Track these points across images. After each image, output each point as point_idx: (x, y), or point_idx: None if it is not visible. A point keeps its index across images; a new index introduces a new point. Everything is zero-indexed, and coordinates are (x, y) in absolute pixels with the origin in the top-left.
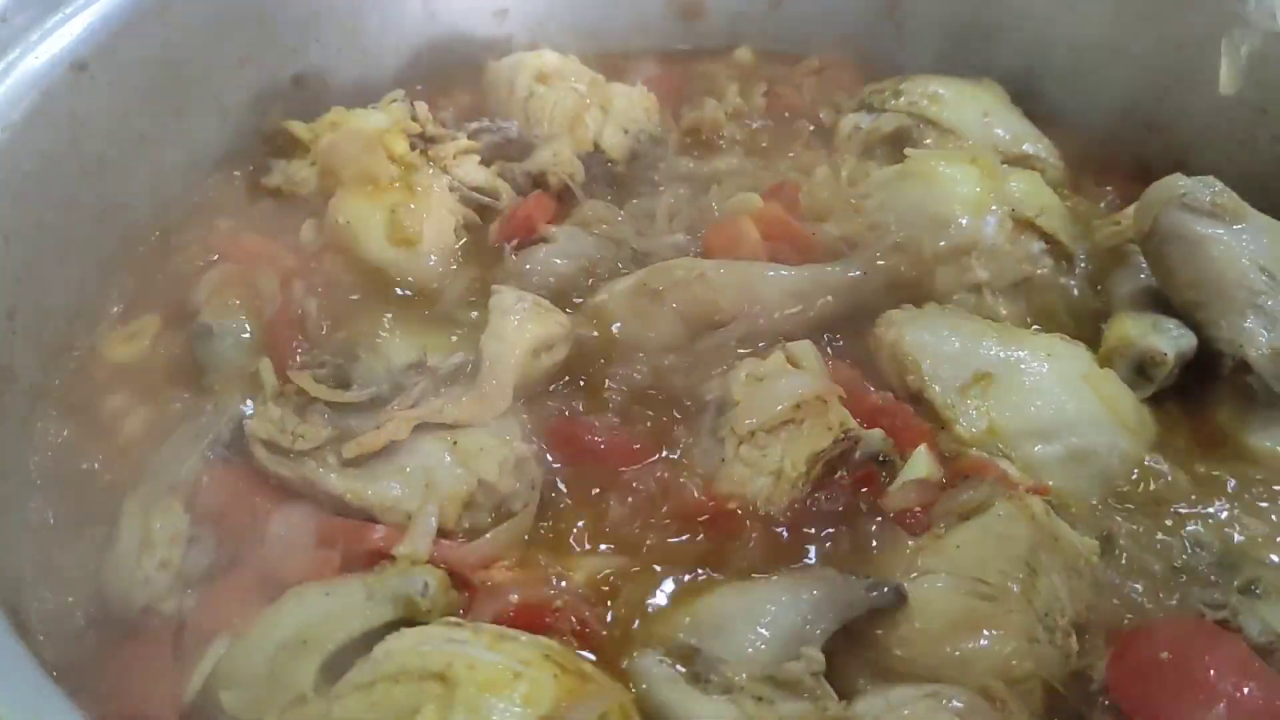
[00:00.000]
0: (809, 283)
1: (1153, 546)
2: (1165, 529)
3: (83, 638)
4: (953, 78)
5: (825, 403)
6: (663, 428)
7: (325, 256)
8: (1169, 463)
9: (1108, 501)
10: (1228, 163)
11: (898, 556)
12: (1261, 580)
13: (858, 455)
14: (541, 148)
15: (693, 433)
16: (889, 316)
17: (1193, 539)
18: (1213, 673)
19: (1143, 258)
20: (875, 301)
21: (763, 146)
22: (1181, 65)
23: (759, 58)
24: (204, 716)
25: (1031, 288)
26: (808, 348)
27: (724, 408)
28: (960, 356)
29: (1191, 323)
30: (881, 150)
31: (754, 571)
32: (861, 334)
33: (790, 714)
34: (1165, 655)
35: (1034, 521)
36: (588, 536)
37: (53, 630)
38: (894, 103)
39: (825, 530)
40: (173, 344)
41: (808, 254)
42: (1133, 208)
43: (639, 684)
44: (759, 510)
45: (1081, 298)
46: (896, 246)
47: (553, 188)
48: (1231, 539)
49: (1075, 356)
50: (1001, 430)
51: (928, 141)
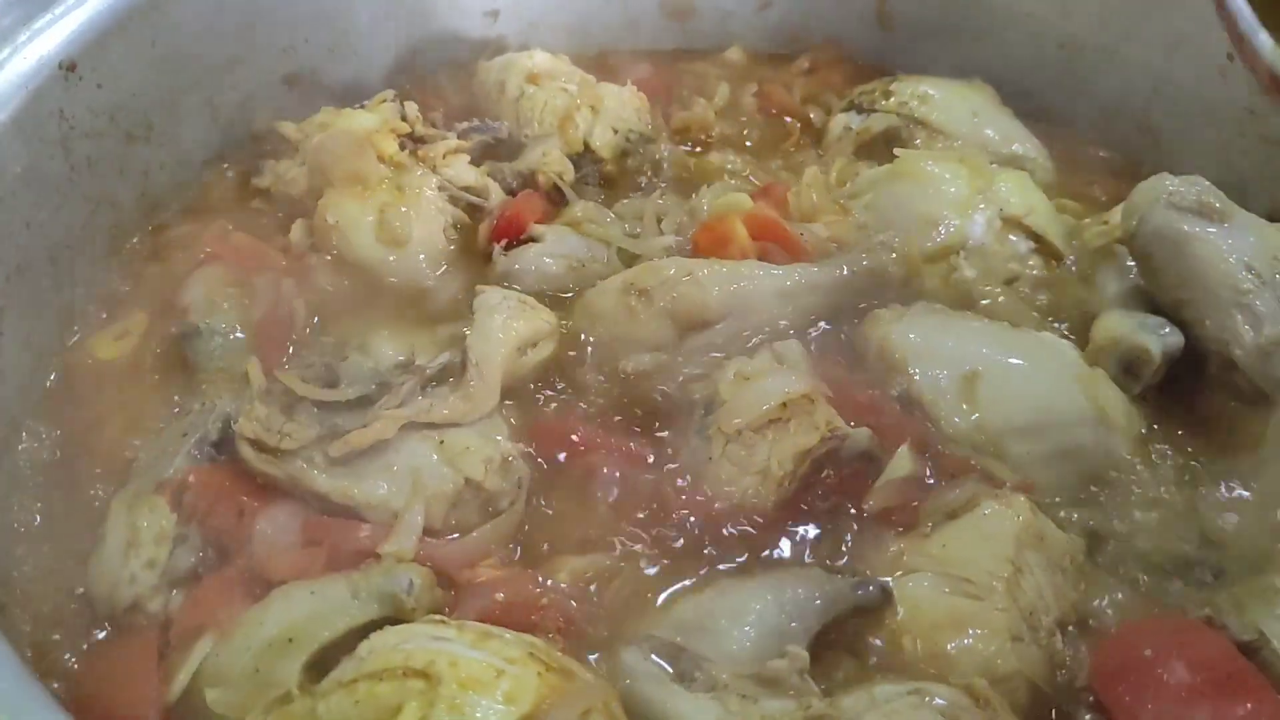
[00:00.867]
0: (797, 282)
1: (1138, 544)
2: (1151, 527)
3: (68, 636)
4: (942, 78)
5: (812, 401)
6: (650, 426)
7: (314, 256)
8: (1156, 461)
9: (1094, 499)
10: (1215, 163)
11: (883, 555)
12: (1245, 577)
13: (844, 454)
14: (531, 147)
15: (680, 431)
16: (877, 316)
17: (1179, 536)
18: (1196, 670)
19: (1130, 257)
20: (863, 301)
21: (752, 147)
22: (1170, 66)
23: (749, 58)
24: (190, 715)
25: (1020, 287)
26: (795, 347)
27: (711, 406)
28: (948, 355)
29: (1179, 321)
30: (871, 150)
31: (739, 570)
32: (850, 333)
33: (774, 711)
34: (1149, 653)
35: (1020, 520)
36: (573, 535)
37: (38, 629)
38: (884, 103)
39: (811, 528)
40: (161, 343)
41: (797, 254)
42: (1120, 207)
43: (623, 682)
44: (745, 508)
45: (1069, 297)
46: (885, 246)
47: (542, 187)
48: (1216, 537)
49: (1063, 355)
50: (989, 428)
51: (917, 142)
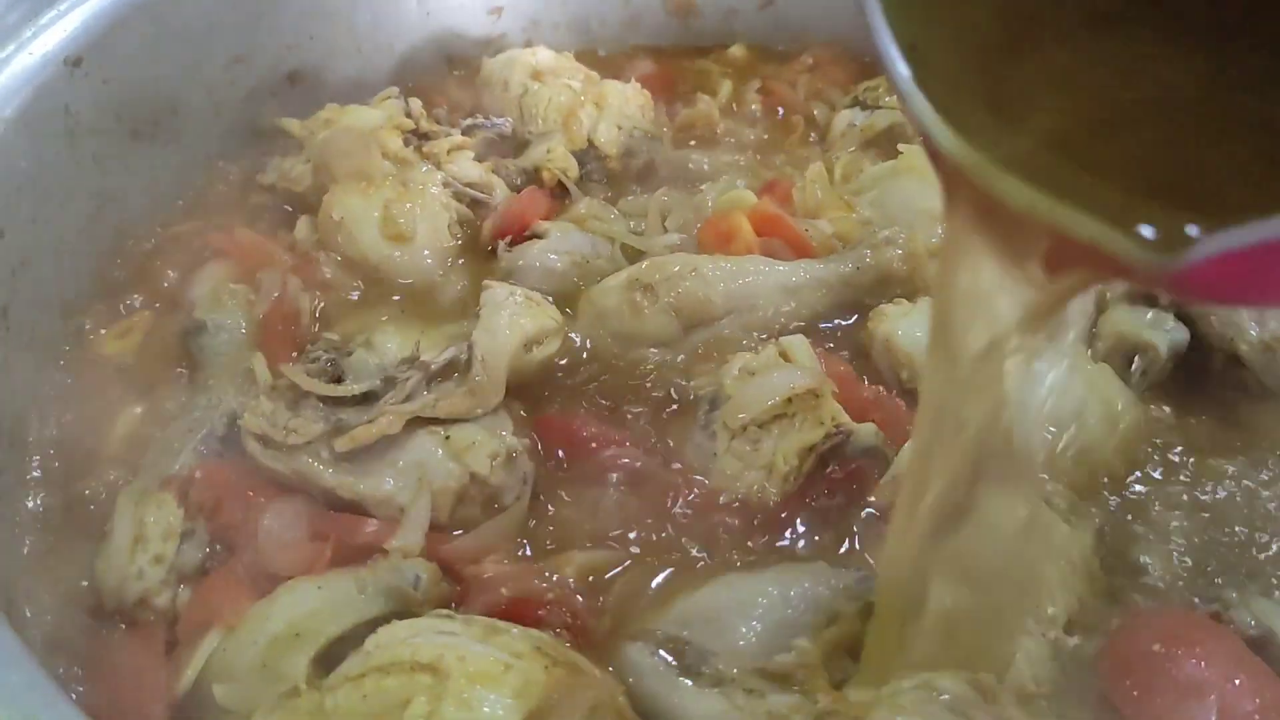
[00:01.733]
0: (802, 278)
1: (1145, 540)
2: (1157, 522)
3: (76, 632)
4: None
5: (818, 396)
6: (655, 422)
7: (319, 252)
8: (1161, 456)
9: (1101, 495)
10: None
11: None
12: (1254, 572)
13: (850, 449)
14: (536, 144)
15: (685, 427)
16: (882, 311)
17: (1185, 532)
18: (1205, 665)
19: None
20: (869, 297)
21: (756, 143)
22: None
23: (752, 54)
24: (197, 710)
25: None
26: (800, 342)
27: (716, 402)
28: None
29: (1184, 316)
30: (875, 146)
31: (745, 565)
32: (855, 329)
33: (781, 706)
34: (1157, 648)
35: (1027, 515)
36: (579, 530)
37: (46, 624)
38: (887, 99)
39: (817, 523)
40: (166, 339)
41: (801, 250)
42: None
43: (630, 676)
44: (751, 503)
45: None
46: (890, 242)
47: (547, 184)
48: (1225, 530)
49: (1068, 350)
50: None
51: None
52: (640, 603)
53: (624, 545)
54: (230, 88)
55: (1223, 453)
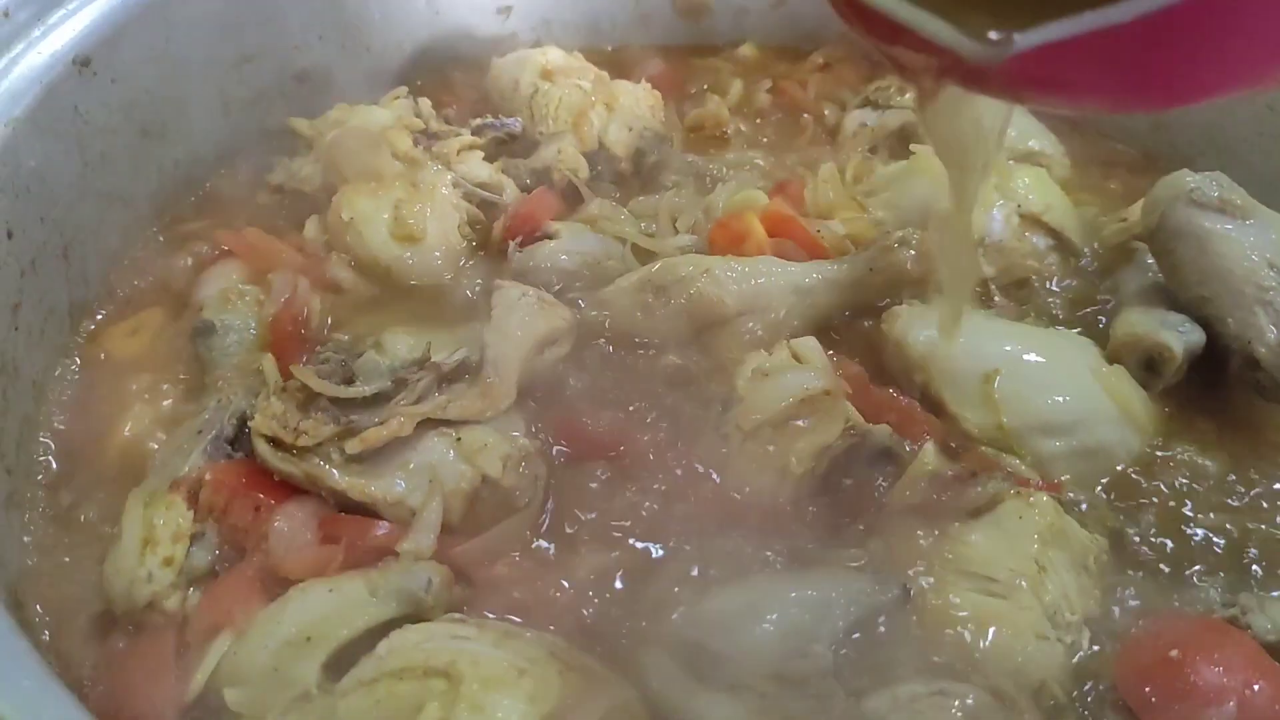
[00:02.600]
0: (815, 279)
1: (1162, 544)
2: (1174, 526)
3: (85, 635)
4: None
5: (831, 398)
6: (667, 424)
7: (329, 253)
8: (1178, 459)
9: (1117, 498)
10: (1235, 159)
11: (905, 553)
12: (1270, 577)
13: (864, 451)
14: (546, 144)
15: (698, 429)
16: (895, 312)
17: (1202, 536)
18: (1222, 671)
19: (1150, 254)
20: (881, 298)
21: (767, 143)
22: None
23: (763, 54)
24: (208, 714)
25: (1038, 284)
26: (813, 344)
27: (729, 404)
28: (967, 352)
29: (1200, 318)
30: (886, 147)
31: (759, 568)
32: (867, 330)
33: (796, 712)
34: (1174, 653)
35: (1043, 518)
36: (591, 532)
37: (55, 628)
38: (899, 99)
39: (831, 527)
40: (175, 340)
41: (813, 251)
42: (1139, 204)
43: (644, 681)
44: (764, 506)
45: (1089, 294)
46: (902, 243)
47: (557, 184)
48: (1241, 535)
49: (1083, 352)
50: (1010, 426)
51: None
52: (653, 606)
53: (638, 548)
54: (239, 87)
55: (1239, 455)
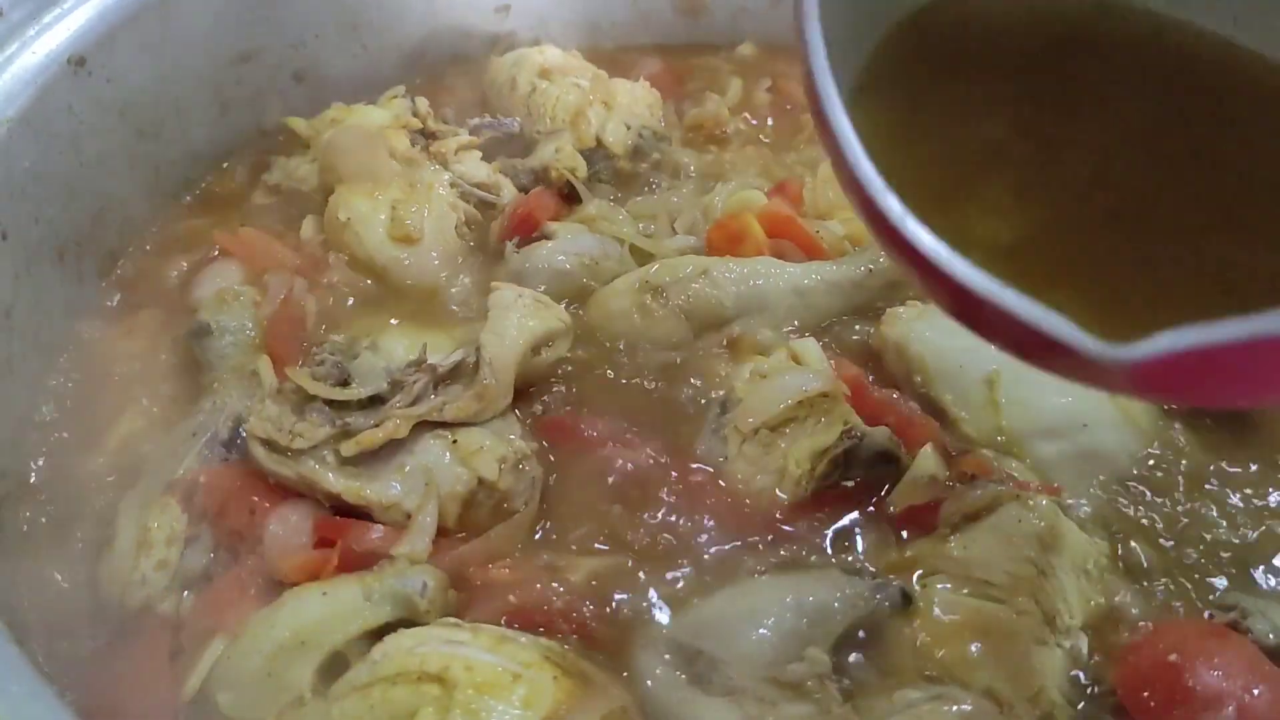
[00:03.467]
0: (813, 280)
1: (1162, 547)
2: (1174, 529)
3: (79, 639)
4: None
5: (830, 400)
6: (665, 425)
7: (326, 253)
8: (1178, 462)
9: (1117, 501)
10: None
11: (903, 556)
12: (1272, 580)
13: (863, 453)
14: (544, 144)
15: (696, 431)
16: (894, 314)
17: (1202, 539)
18: (1221, 675)
19: None
20: (881, 299)
21: (766, 142)
22: None
23: (762, 52)
24: (201, 718)
25: None
26: (812, 345)
27: (728, 405)
28: (967, 354)
29: None
30: None
31: (757, 572)
32: (866, 331)
33: (793, 716)
34: (1174, 657)
35: (1043, 522)
36: (588, 535)
37: (49, 632)
38: None
39: (830, 529)
40: (171, 341)
41: (812, 252)
42: None
43: (640, 686)
44: (762, 508)
45: None
46: None
47: (555, 184)
48: (1241, 539)
49: None
50: (1009, 429)
51: None
52: (649, 610)
53: (634, 551)
54: (236, 87)
55: (1239, 459)
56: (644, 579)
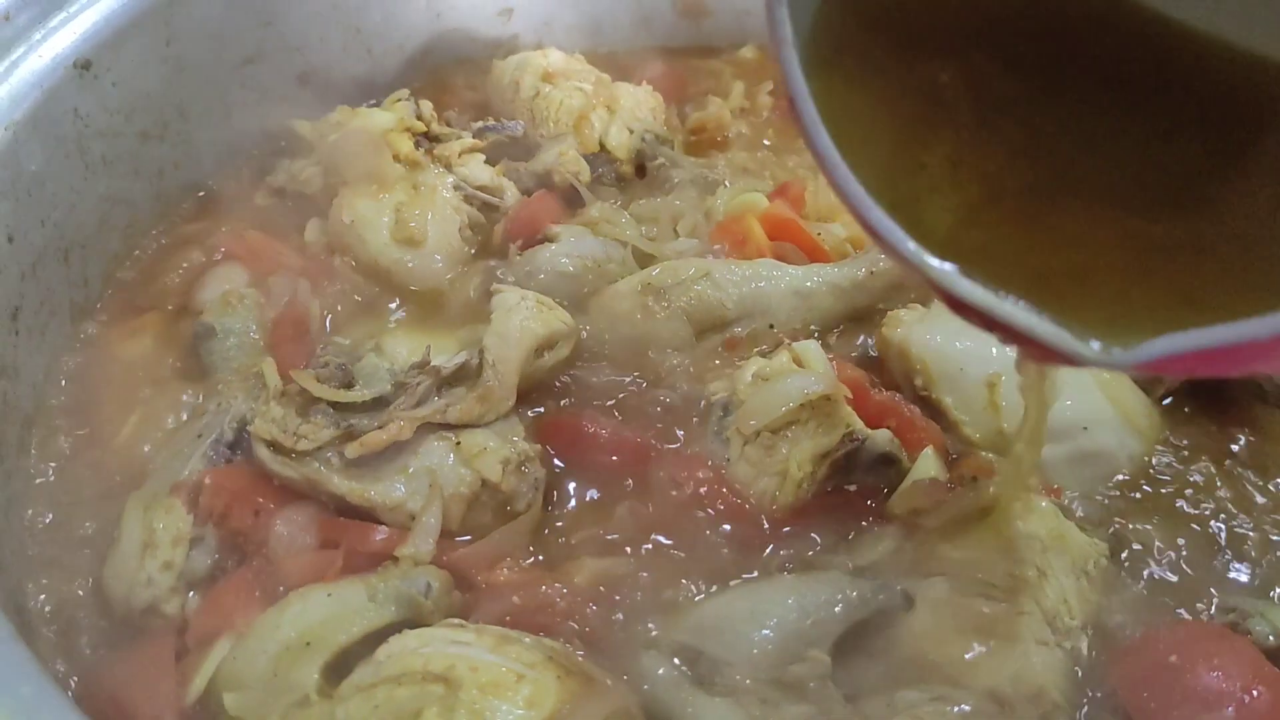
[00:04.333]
0: (815, 283)
1: (1162, 549)
2: (1175, 530)
3: (85, 639)
4: None
5: (832, 403)
6: (668, 427)
7: (330, 256)
8: (1179, 464)
9: (1117, 503)
10: None
11: (905, 558)
12: (1272, 582)
13: (864, 456)
14: (547, 147)
15: (698, 433)
16: (896, 317)
17: (1202, 542)
18: (1221, 676)
19: None
20: (882, 302)
21: (768, 145)
22: None
23: (765, 56)
24: (207, 718)
25: None
26: (814, 347)
27: (729, 408)
28: (968, 357)
29: None
30: None
31: (758, 573)
32: (868, 334)
33: (795, 716)
34: (1174, 659)
35: (1043, 524)
36: (591, 537)
37: (55, 632)
38: None
39: (831, 531)
40: (176, 343)
41: (814, 254)
42: None
43: (643, 686)
44: (764, 510)
45: None
46: None
47: (558, 187)
48: (1241, 541)
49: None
50: (1011, 431)
51: None
52: (652, 611)
53: (636, 552)
54: (240, 90)
55: (1239, 461)
56: (646, 580)
